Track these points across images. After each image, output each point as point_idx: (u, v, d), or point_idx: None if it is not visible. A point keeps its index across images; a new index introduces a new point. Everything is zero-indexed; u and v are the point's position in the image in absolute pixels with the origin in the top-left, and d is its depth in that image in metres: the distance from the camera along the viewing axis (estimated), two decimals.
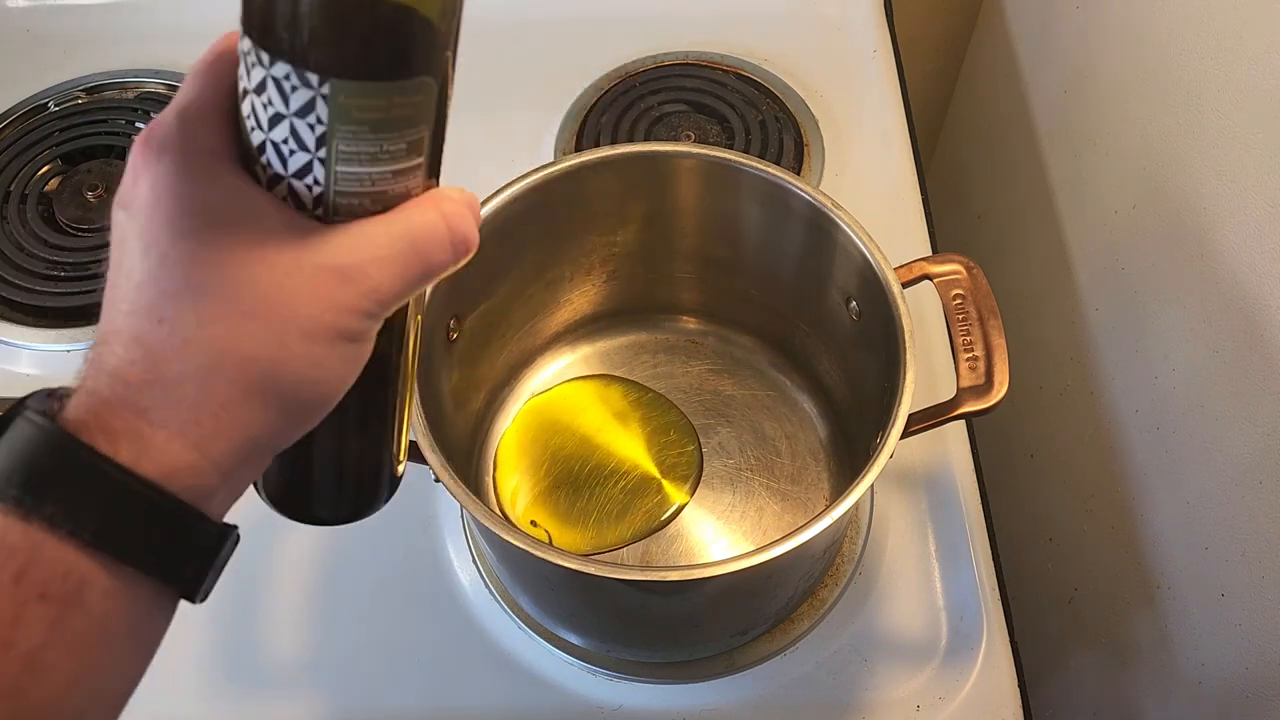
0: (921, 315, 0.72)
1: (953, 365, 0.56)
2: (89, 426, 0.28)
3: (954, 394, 0.56)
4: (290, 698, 0.63)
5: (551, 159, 0.75)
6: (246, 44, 0.30)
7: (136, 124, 0.88)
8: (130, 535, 0.28)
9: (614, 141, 0.86)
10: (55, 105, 0.90)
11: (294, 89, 0.29)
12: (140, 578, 0.29)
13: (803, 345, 0.72)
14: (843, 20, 0.94)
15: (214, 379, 0.29)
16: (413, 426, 0.54)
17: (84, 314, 0.78)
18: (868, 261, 0.57)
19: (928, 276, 0.58)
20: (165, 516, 0.29)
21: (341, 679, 0.64)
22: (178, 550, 0.29)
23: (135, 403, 0.29)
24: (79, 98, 0.90)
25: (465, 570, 0.67)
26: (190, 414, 0.29)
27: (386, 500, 0.40)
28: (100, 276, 0.78)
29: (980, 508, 0.68)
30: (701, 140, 0.85)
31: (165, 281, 0.29)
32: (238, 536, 0.32)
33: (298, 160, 0.31)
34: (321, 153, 0.30)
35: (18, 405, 0.29)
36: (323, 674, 0.64)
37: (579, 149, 0.86)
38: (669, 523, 0.67)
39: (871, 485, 0.51)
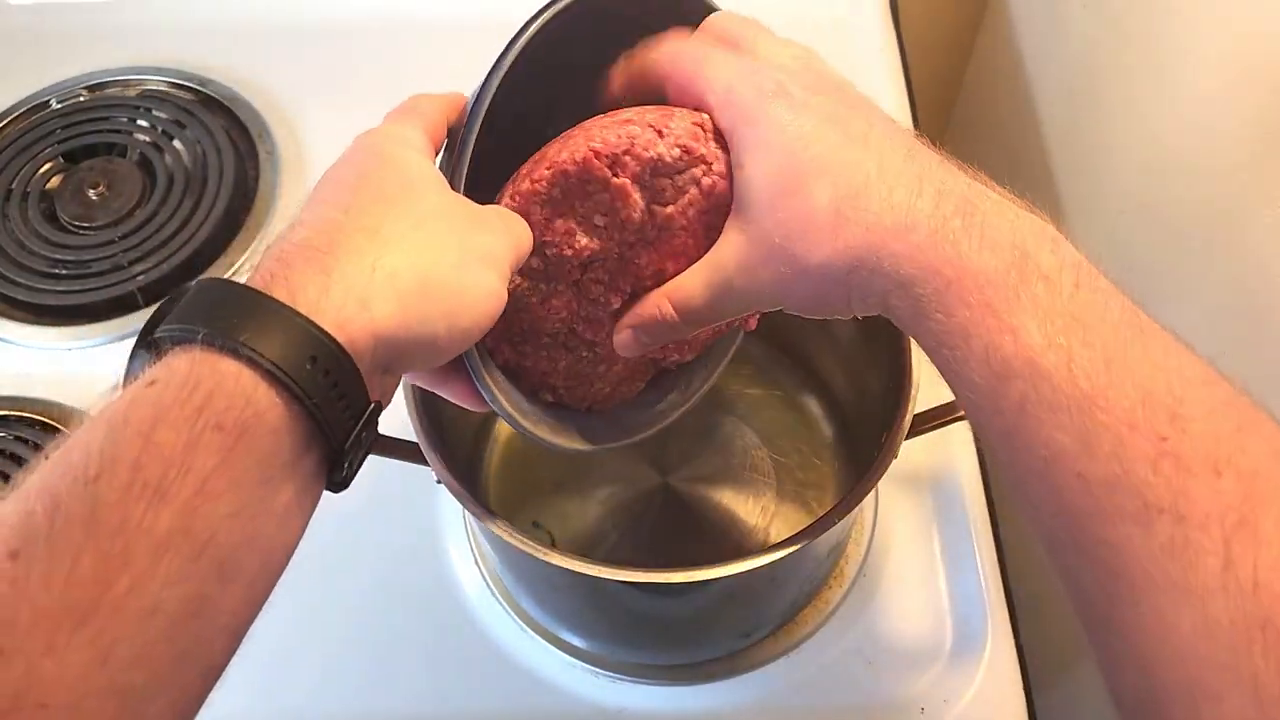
0: None
1: None
2: (270, 282, 0.32)
3: None
4: (292, 697, 0.63)
5: None
6: None
7: (139, 121, 0.88)
8: (303, 373, 0.31)
9: None
10: (57, 103, 0.90)
11: None
12: (303, 421, 0.31)
13: (808, 344, 0.71)
14: (848, 20, 0.94)
15: (386, 255, 0.34)
16: (414, 428, 0.53)
17: (85, 312, 0.77)
18: None
19: None
20: (331, 360, 0.32)
21: (343, 679, 0.63)
22: (337, 397, 0.32)
23: (318, 261, 0.33)
24: (81, 95, 0.90)
25: (467, 571, 0.67)
26: (360, 278, 0.33)
27: None
28: (102, 275, 0.78)
29: (985, 509, 0.68)
30: None
31: (363, 191, 0.36)
32: (377, 424, 0.35)
33: None
34: None
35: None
36: (325, 674, 0.63)
37: None
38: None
39: (876, 486, 0.51)
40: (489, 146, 0.42)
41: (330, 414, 0.32)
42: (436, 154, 0.42)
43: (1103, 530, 0.30)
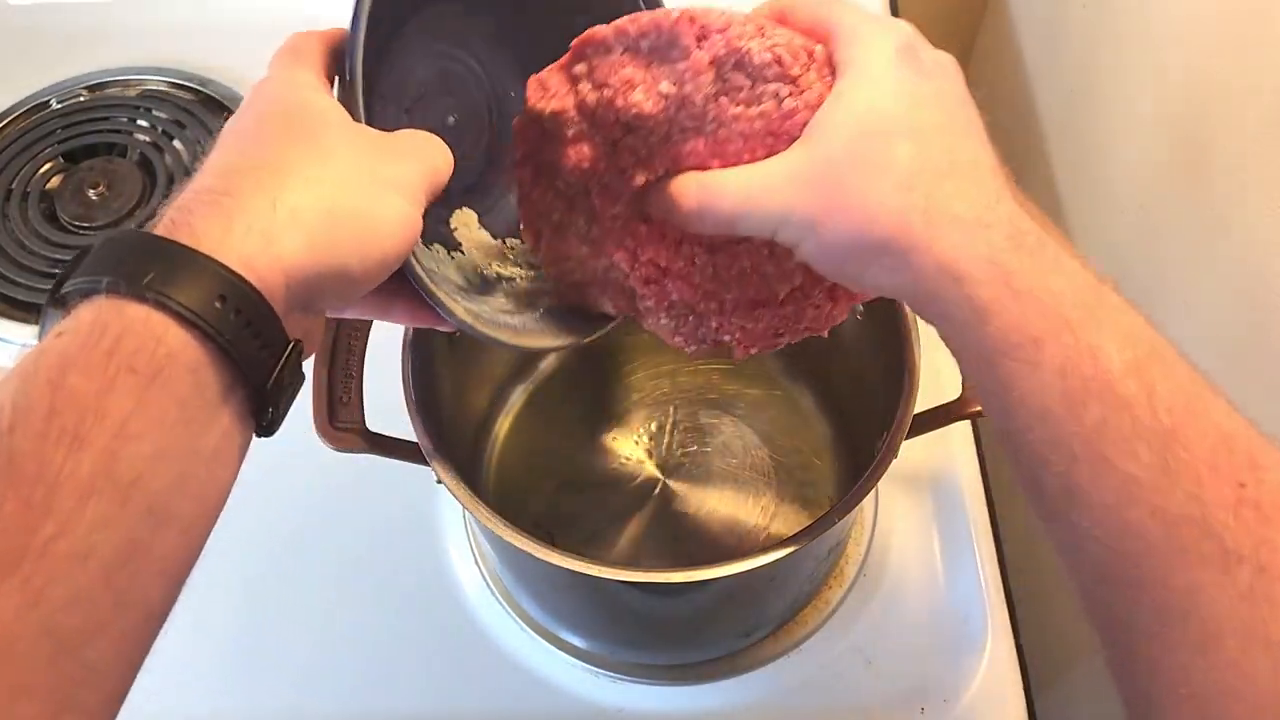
0: None
1: (958, 366, 0.56)
2: (172, 229, 0.32)
3: (960, 394, 0.56)
4: (292, 697, 0.63)
5: None
6: None
7: (139, 121, 0.88)
8: (212, 312, 0.30)
9: None
10: (57, 103, 0.90)
11: None
12: (221, 361, 0.31)
13: (807, 344, 0.71)
14: None
15: (287, 191, 0.34)
16: (414, 428, 0.53)
17: None
18: None
19: None
20: (241, 299, 0.31)
21: (343, 679, 0.63)
22: (252, 336, 0.32)
23: (218, 204, 0.33)
24: (81, 95, 0.90)
25: (467, 571, 0.67)
26: (262, 215, 0.33)
27: None
28: None
29: (985, 509, 0.68)
30: None
31: (262, 135, 0.36)
32: (301, 366, 0.35)
33: None
34: None
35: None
36: (325, 674, 0.63)
37: None
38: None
39: (876, 486, 0.51)
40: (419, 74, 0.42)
41: (246, 352, 0.32)
42: (331, 85, 0.41)
43: (1173, 572, 0.30)
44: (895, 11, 0.95)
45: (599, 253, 0.46)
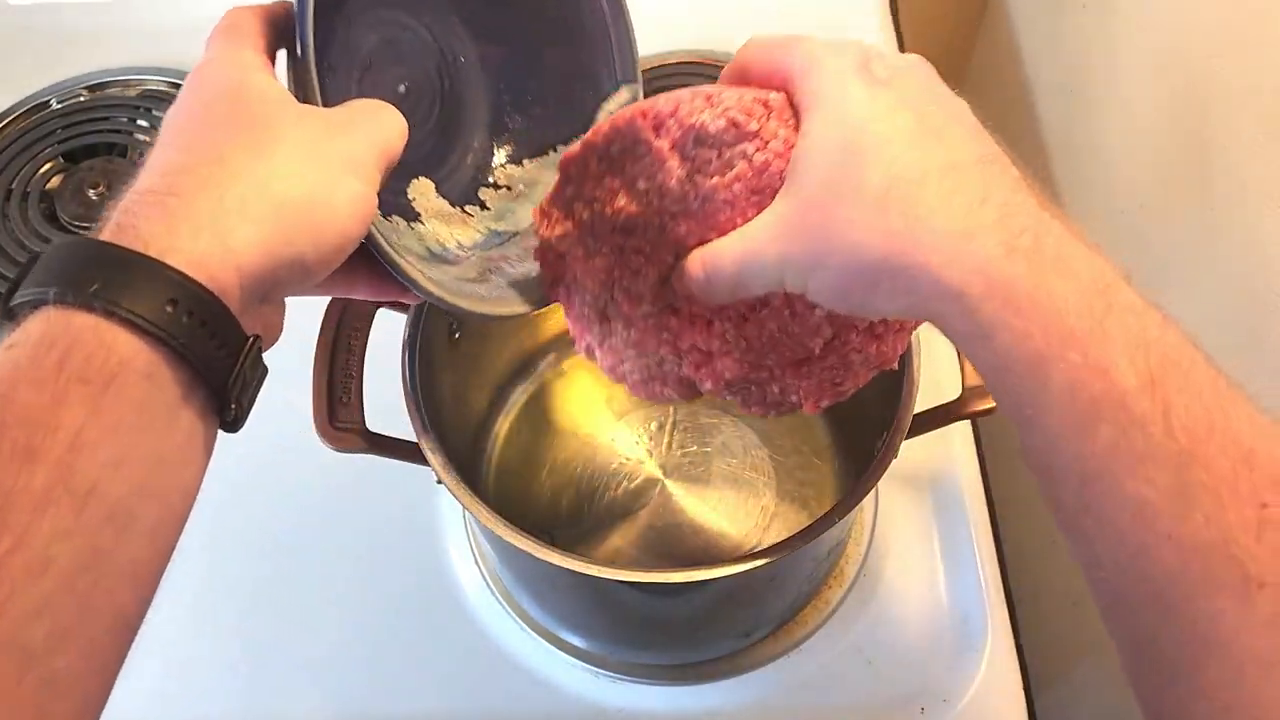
0: None
1: (958, 365, 0.56)
2: (118, 234, 0.31)
3: (959, 394, 0.56)
4: (292, 698, 0.63)
5: None
6: None
7: (139, 121, 0.88)
8: (163, 317, 0.30)
9: None
10: (57, 103, 0.90)
11: None
12: (178, 364, 0.31)
13: None
14: (847, 19, 0.94)
15: (235, 185, 0.33)
16: (414, 428, 0.53)
17: None
18: None
19: None
20: (193, 300, 0.31)
21: (343, 679, 0.63)
22: (208, 336, 0.31)
23: (164, 205, 0.32)
24: (81, 95, 0.90)
25: (467, 572, 0.67)
26: (208, 213, 0.32)
27: None
28: None
29: (985, 509, 0.68)
30: None
31: (204, 126, 0.35)
32: (262, 358, 0.34)
33: None
34: None
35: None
36: (324, 674, 0.63)
37: None
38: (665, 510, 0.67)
39: (876, 486, 0.51)
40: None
41: (202, 353, 0.31)
42: (273, 62, 0.40)
43: (1193, 599, 0.29)
44: (895, 14, 0.94)
45: (644, 351, 0.47)
